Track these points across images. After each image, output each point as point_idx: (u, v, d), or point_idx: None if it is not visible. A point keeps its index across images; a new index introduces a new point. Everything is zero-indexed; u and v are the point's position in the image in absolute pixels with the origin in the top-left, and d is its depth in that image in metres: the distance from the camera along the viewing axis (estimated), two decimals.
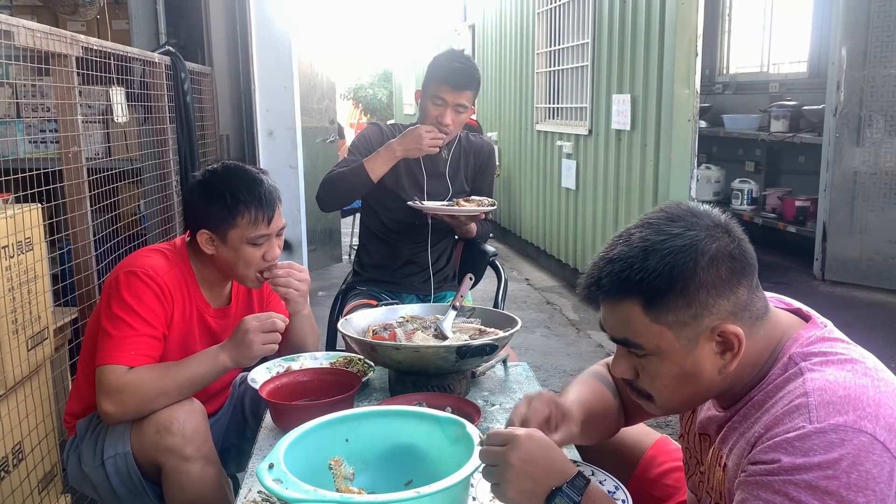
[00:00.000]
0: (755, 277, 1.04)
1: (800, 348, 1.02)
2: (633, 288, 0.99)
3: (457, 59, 2.41)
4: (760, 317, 1.03)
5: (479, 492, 1.25)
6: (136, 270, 1.63)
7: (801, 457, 0.89)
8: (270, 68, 3.80)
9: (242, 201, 1.66)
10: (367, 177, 2.33)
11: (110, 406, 1.55)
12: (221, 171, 1.73)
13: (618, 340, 1.06)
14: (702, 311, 0.98)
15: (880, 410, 0.91)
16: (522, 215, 6.91)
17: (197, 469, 1.57)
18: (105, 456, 1.62)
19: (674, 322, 0.99)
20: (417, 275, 2.56)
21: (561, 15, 5.73)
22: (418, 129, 2.32)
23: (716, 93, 6.96)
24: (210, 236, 1.69)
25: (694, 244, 0.98)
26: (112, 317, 1.60)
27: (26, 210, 2.00)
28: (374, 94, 16.49)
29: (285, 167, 3.88)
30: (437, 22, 10.64)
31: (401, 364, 1.67)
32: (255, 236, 1.68)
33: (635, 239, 1.01)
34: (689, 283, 0.97)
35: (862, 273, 4.94)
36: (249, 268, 1.72)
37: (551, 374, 3.78)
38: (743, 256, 1.02)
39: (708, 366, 1.01)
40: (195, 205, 1.72)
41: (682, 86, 3.98)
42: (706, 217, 1.03)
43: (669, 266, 0.97)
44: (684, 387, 1.04)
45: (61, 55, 2.12)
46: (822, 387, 0.94)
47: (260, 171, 1.74)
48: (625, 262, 1.00)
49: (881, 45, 4.69)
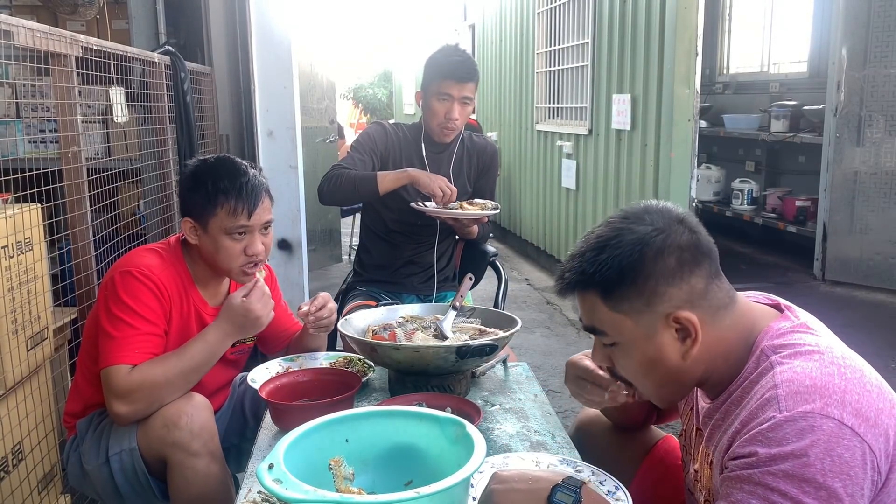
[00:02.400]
0: (713, 268, 1.09)
1: (770, 341, 1.06)
2: (590, 280, 1.09)
3: (455, 54, 2.42)
4: (723, 306, 1.09)
5: (478, 492, 1.25)
6: (132, 269, 1.63)
7: (775, 447, 0.93)
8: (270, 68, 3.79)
9: (222, 190, 1.66)
10: (376, 189, 2.32)
11: (122, 407, 1.55)
12: (211, 161, 1.74)
13: (588, 329, 1.15)
14: (654, 298, 1.06)
15: (846, 397, 0.95)
16: (522, 215, 6.91)
17: (203, 465, 1.57)
18: (110, 453, 1.62)
19: (630, 310, 1.07)
20: (418, 275, 2.56)
21: (561, 15, 5.73)
22: (439, 181, 2.29)
23: (716, 93, 6.96)
24: (193, 225, 1.71)
25: (641, 238, 1.06)
26: (112, 318, 1.60)
27: (26, 210, 2.00)
28: (374, 94, 16.49)
29: (285, 167, 3.87)
30: (437, 22, 10.64)
31: (401, 364, 1.66)
32: (234, 227, 1.68)
33: (592, 237, 1.11)
34: (639, 274, 1.05)
35: (862, 273, 4.94)
36: (232, 261, 1.71)
37: (551, 374, 3.78)
38: (695, 248, 1.08)
39: (670, 351, 1.08)
40: (182, 192, 1.75)
41: (683, 86, 3.98)
42: (659, 213, 1.10)
43: (618, 259, 1.06)
44: (652, 372, 1.11)
45: (61, 55, 2.12)
46: (789, 378, 0.98)
47: (250, 166, 1.75)
48: (583, 258, 1.10)
49: (881, 45, 4.69)
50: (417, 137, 2.50)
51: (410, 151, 2.49)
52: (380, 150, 2.45)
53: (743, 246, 6.33)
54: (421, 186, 2.31)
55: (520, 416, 1.65)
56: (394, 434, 1.23)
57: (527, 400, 1.74)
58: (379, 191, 2.32)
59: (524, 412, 1.66)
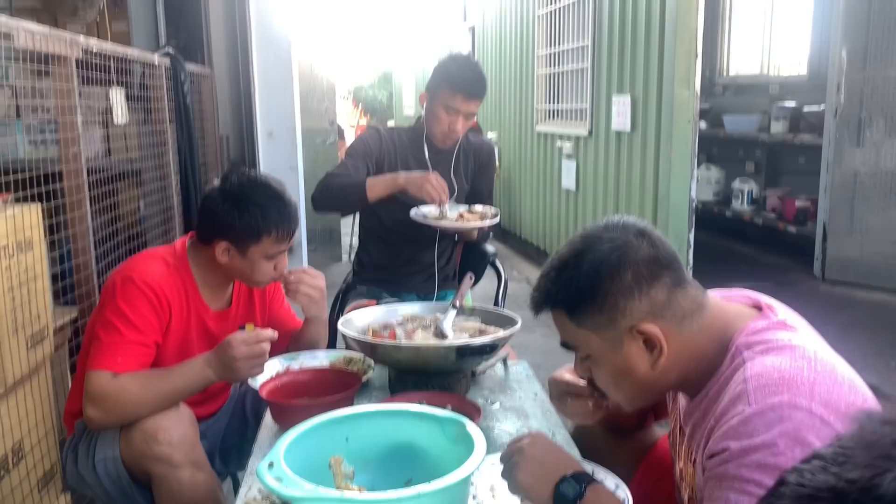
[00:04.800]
0: (675, 277, 1.11)
1: (745, 338, 1.08)
2: (554, 299, 1.13)
3: (468, 68, 2.40)
4: (689, 314, 1.10)
5: (479, 491, 1.26)
6: (134, 277, 1.63)
7: (745, 439, 0.95)
8: (270, 69, 3.80)
9: (273, 221, 1.67)
10: (365, 196, 2.32)
11: (94, 412, 1.55)
12: (248, 184, 1.71)
13: (563, 344, 1.19)
14: (615, 314, 1.08)
15: (815, 388, 0.96)
16: (522, 216, 6.91)
17: (187, 476, 1.56)
18: (96, 459, 1.62)
19: (594, 326, 1.11)
20: (418, 274, 2.56)
21: (561, 17, 5.73)
22: (429, 177, 2.28)
23: (716, 94, 6.96)
24: (228, 247, 1.69)
25: (599, 258, 1.09)
26: (105, 322, 1.59)
27: (26, 210, 2.00)
28: (374, 95, 16.50)
29: (285, 168, 3.88)
30: (437, 23, 10.65)
31: (401, 363, 1.67)
32: (276, 252, 1.71)
33: (556, 257, 1.15)
34: (598, 292, 1.09)
35: (862, 273, 4.94)
36: (263, 278, 1.75)
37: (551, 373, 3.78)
38: (653, 261, 1.10)
39: (638, 362, 1.10)
40: (219, 215, 1.69)
41: (683, 87, 3.98)
42: (619, 229, 1.12)
43: (576, 279, 1.10)
44: (623, 383, 1.14)
45: (61, 57, 2.12)
46: (758, 372, 1.00)
47: (280, 184, 1.76)
48: (547, 277, 1.14)
49: (881, 46, 4.69)
50: (417, 139, 2.50)
51: (407, 154, 2.49)
52: (374, 156, 2.45)
53: (743, 246, 6.34)
54: (412, 193, 2.30)
55: (520, 414, 1.65)
56: (394, 433, 1.23)
57: (527, 399, 1.74)
58: (369, 196, 2.32)
59: (524, 411, 1.66)
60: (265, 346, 1.57)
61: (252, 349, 1.55)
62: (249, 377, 1.62)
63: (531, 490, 1.11)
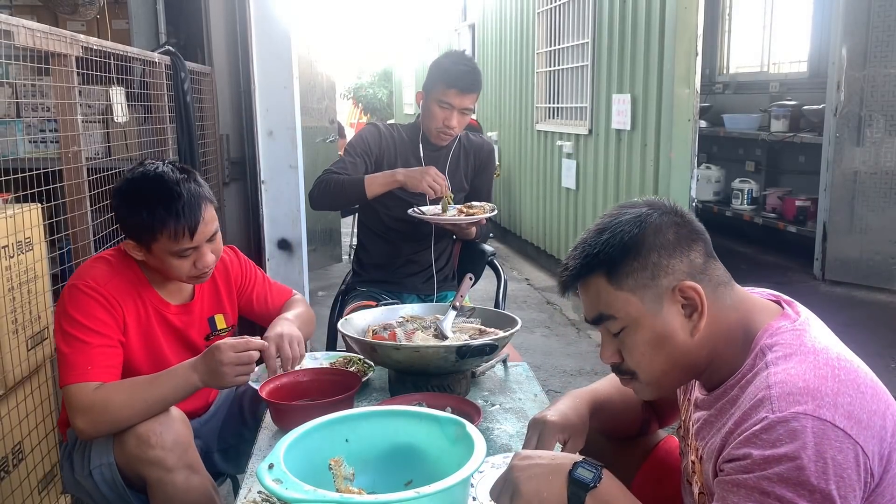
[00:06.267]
0: (708, 248, 1.13)
1: (769, 339, 1.07)
2: (593, 262, 1.11)
3: (462, 63, 2.40)
4: (723, 283, 1.11)
5: (479, 492, 1.25)
6: (77, 283, 1.60)
7: (768, 448, 0.94)
8: (270, 68, 3.79)
9: (159, 219, 1.56)
10: (363, 193, 2.32)
11: (82, 423, 1.53)
12: (140, 180, 1.62)
13: (595, 320, 1.15)
14: (657, 271, 1.08)
15: (839, 399, 0.96)
16: (522, 215, 6.91)
17: (181, 479, 1.55)
18: (92, 466, 1.61)
19: (635, 286, 1.09)
20: (418, 274, 2.56)
21: (561, 15, 5.73)
22: (429, 171, 2.29)
23: (716, 92, 6.96)
24: (135, 245, 1.64)
25: (639, 216, 1.11)
26: (64, 335, 1.57)
27: (26, 210, 2.00)
28: (374, 94, 16.48)
29: (285, 167, 3.87)
30: (437, 21, 10.64)
31: (401, 364, 1.67)
32: (179, 250, 1.61)
33: (592, 227, 1.16)
34: (641, 247, 1.08)
35: (862, 273, 4.94)
36: (182, 274, 1.66)
37: (551, 374, 3.78)
38: (690, 226, 1.12)
39: (678, 327, 1.09)
40: (116, 213, 1.64)
41: (683, 85, 3.98)
42: (654, 203, 1.15)
43: (619, 236, 1.10)
44: (659, 353, 1.11)
45: (61, 55, 2.12)
46: (783, 379, 0.99)
47: (182, 179, 1.61)
48: (585, 244, 1.13)
49: (881, 45, 4.69)
50: (415, 137, 2.50)
51: (406, 151, 2.49)
52: (374, 152, 2.45)
53: (743, 246, 6.34)
54: (410, 189, 2.30)
55: (520, 415, 1.65)
56: (394, 434, 1.23)
57: (527, 400, 1.74)
58: (367, 193, 2.32)
59: (524, 412, 1.66)
60: (253, 355, 1.55)
61: (240, 356, 1.52)
62: (235, 385, 1.60)
63: (540, 491, 1.07)
